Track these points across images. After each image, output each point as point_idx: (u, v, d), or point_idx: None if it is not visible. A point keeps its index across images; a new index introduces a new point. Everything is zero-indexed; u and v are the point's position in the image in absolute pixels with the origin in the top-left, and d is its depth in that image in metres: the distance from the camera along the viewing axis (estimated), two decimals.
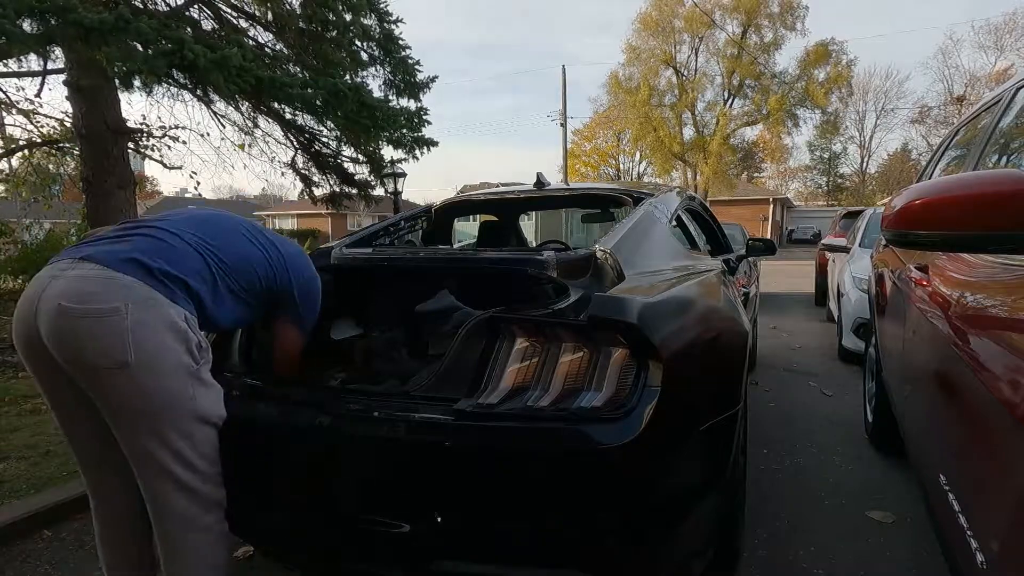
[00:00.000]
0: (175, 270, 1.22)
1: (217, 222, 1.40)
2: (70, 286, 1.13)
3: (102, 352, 1.11)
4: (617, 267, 1.42)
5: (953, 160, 2.26)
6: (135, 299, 1.14)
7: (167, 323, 1.17)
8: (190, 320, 1.22)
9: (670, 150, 26.40)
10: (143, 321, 1.13)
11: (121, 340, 1.11)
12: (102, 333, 1.11)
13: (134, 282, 1.15)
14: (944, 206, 0.81)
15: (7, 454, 2.55)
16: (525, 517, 1.15)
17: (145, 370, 1.14)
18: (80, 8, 3.74)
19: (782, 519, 2.06)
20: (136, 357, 1.12)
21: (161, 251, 1.24)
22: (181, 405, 1.19)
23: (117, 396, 1.16)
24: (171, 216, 1.39)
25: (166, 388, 1.17)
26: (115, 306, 1.11)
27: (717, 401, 1.35)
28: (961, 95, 31.33)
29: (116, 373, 1.13)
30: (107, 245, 1.23)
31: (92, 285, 1.13)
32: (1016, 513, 0.70)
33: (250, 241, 1.39)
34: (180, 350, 1.18)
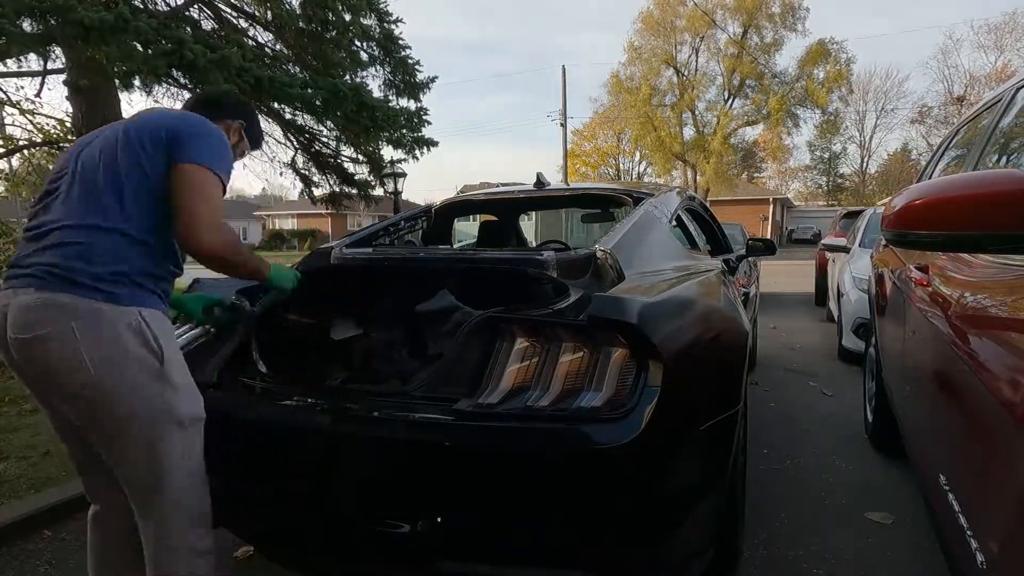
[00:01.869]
0: (106, 268, 1.14)
1: (89, 175, 1.21)
2: (17, 318, 1.12)
3: (64, 375, 1.11)
4: (617, 267, 1.42)
5: (953, 160, 2.26)
6: (79, 315, 1.10)
7: (119, 329, 1.13)
8: (146, 315, 1.17)
9: (670, 150, 26.42)
10: (94, 335, 1.10)
11: (77, 359, 1.09)
12: (57, 356, 1.10)
13: (71, 299, 1.11)
14: (944, 206, 0.81)
15: (7, 454, 2.55)
16: (525, 517, 1.15)
17: (109, 383, 1.11)
18: (80, 8, 3.74)
19: (782, 519, 2.06)
20: (96, 372, 1.10)
21: (83, 251, 1.14)
22: (153, 411, 1.16)
23: (89, 414, 1.15)
24: (60, 189, 1.22)
25: (134, 396, 1.14)
26: (60, 329, 1.09)
27: (717, 401, 1.35)
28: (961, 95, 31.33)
29: (82, 392, 1.11)
30: (35, 257, 1.15)
31: (33, 313, 1.11)
32: (1016, 513, 0.70)
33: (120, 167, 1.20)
34: (141, 353, 1.14)
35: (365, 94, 5.74)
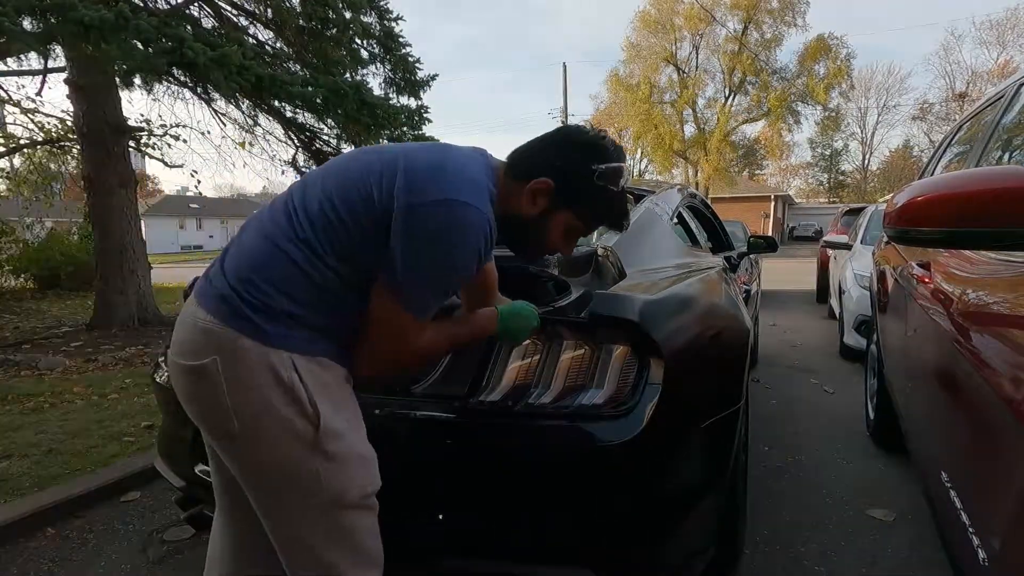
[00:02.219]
0: (270, 296, 0.88)
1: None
2: (177, 333, 0.93)
3: (209, 418, 0.91)
4: (618, 265, 1.42)
5: (955, 157, 2.25)
6: (222, 350, 0.87)
7: (267, 378, 0.87)
8: (300, 364, 0.90)
9: (671, 147, 26.38)
10: (237, 379, 0.87)
11: (221, 405, 0.87)
12: (202, 395, 0.90)
13: (215, 326, 0.87)
14: (946, 203, 0.81)
15: (10, 452, 2.56)
16: (526, 515, 1.15)
17: (253, 443, 0.89)
18: (80, 6, 3.73)
19: (783, 517, 2.06)
20: (240, 426, 0.88)
21: (253, 264, 0.90)
22: (305, 487, 0.91)
23: (237, 469, 0.94)
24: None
25: (284, 466, 0.90)
26: (204, 362, 0.87)
27: (719, 398, 1.35)
28: (963, 91, 31.24)
29: (227, 444, 0.91)
30: (221, 259, 0.96)
31: (186, 332, 0.91)
32: (1018, 510, 0.70)
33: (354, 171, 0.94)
34: (290, 414, 0.88)
35: (366, 92, 5.73)
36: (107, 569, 1.82)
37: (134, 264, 5.79)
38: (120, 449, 2.59)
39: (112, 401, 3.37)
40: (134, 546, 1.94)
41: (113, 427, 2.88)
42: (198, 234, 38.91)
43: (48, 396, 3.44)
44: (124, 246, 5.73)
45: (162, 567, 1.82)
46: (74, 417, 3.05)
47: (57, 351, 4.77)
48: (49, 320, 6.63)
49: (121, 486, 2.32)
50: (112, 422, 2.96)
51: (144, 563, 1.84)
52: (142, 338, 5.30)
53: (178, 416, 1.55)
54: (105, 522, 2.11)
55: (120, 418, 3.03)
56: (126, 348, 4.86)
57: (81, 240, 9.52)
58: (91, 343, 5.11)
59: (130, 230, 5.79)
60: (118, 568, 1.82)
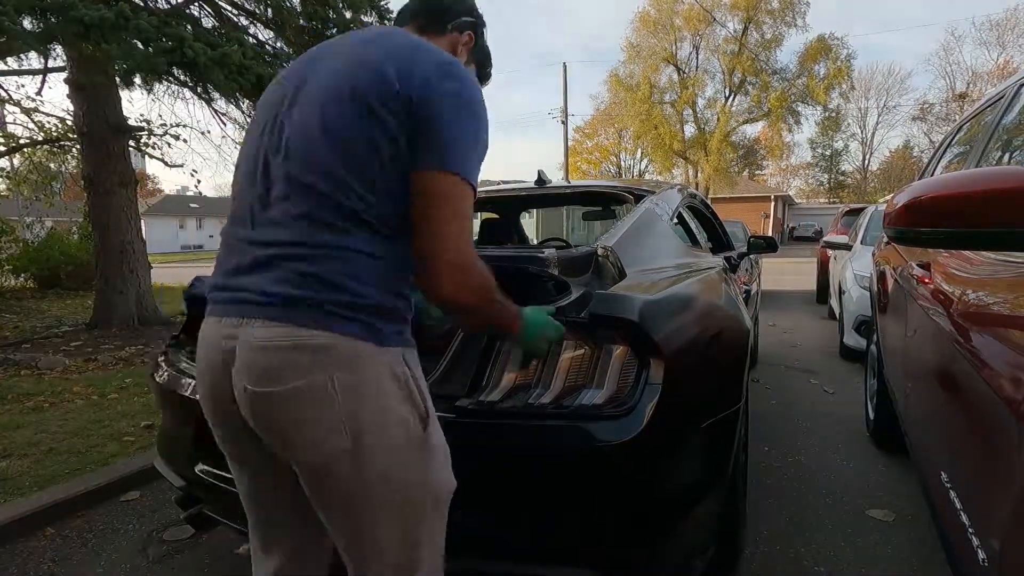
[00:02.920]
0: (364, 296, 0.83)
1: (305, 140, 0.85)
2: (252, 361, 0.82)
3: (312, 444, 0.82)
4: (618, 265, 1.42)
5: (956, 157, 2.25)
6: (340, 363, 0.81)
7: (385, 381, 0.84)
8: (408, 358, 0.88)
9: (671, 147, 26.40)
10: (356, 389, 0.81)
11: (334, 423, 0.81)
12: (305, 418, 0.81)
13: (331, 338, 0.80)
14: (947, 203, 0.81)
15: (10, 452, 2.56)
16: (526, 515, 1.15)
17: (369, 454, 0.83)
18: (80, 5, 3.73)
19: (783, 517, 2.06)
20: (355, 441, 0.82)
21: (342, 266, 0.82)
22: (414, 489, 0.89)
23: (334, 488, 0.86)
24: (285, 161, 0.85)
25: (395, 472, 0.86)
26: (315, 380, 0.80)
27: (718, 398, 1.35)
28: (963, 92, 31.25)
29: (334, 463, 0.83)
30: (271, 273, 0.83)
31: (275, 356, 0.80)
32: (1018, 511, 0.70)
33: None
34: (406, 412, 0.86)
35: None
36: (107, 569, 1.82)
37: (134, 264, 5.79)
38: (120, 449, 2.59)
39: (112, 401, 3.37)
40: (134, 546, 1.95)
41: (113, 427, 2.88)
42: (198, 234, 38.92)
43: (48, 396, 3.44)
44: (124, 246, 5.73)
45: (162, 567, 1.83)
46: (74, 416, 3.05)
47: (57, 350, 4.78)
48: (49, 320, 6.63)
49: (121, 486, 2.32)
50: (112, 422, 2.96)
51: (144, 563, 1.84)
52: (142, 338, 5.30)
53: (178, 416, 1.55)
54: (105, 522, 2.11)
55: (120, 418, 3.03)
56: (126, 348, 4.86)
57: (81, 240, 9.52)
58: (91, 343, 5.11)
59: (130, 230, 5.79)
60: (118, 568, 1.82)
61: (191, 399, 1.37)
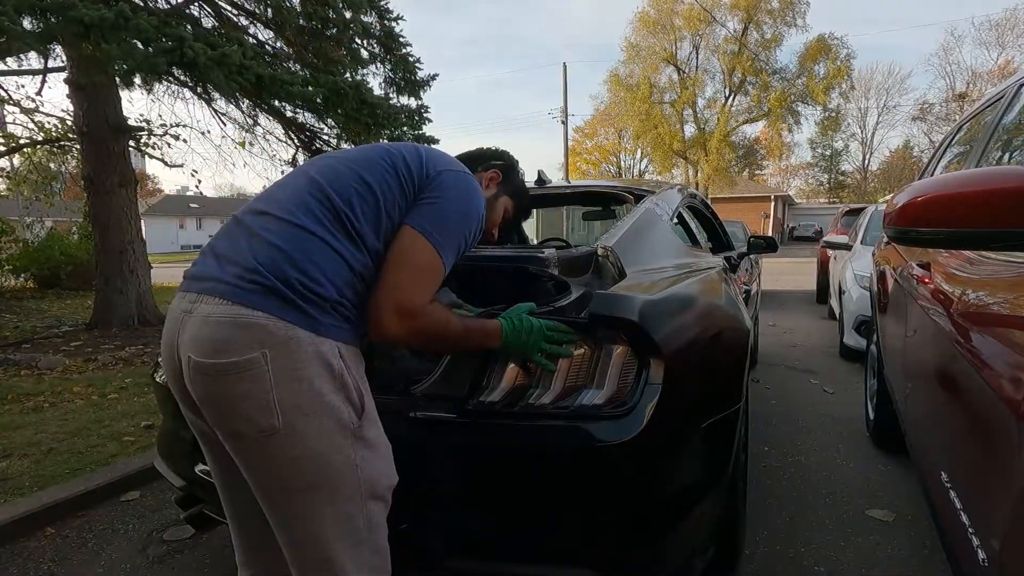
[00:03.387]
0: (317, 283, 0.90)
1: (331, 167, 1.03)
2: (198, 334, 0.88)
3: (244, 416, 0.87)
4: (618, 264, 1.42)
5: (956, 157, 2.25)
6: (274, 342, 0.86)
7: (318, 367, 0.89)
8: (345, 353, 0.94)
9: (671, 147, 26.40)
10: (287, 371, 0.87)
11: (264, 400, 0.86)
12: (241, 393, 0.86)
13: (267, 319, 0.87)
14: (946, 203, 0.81)
15: (9, 452, 2.56)
16: (527, 515, 1.15)
17: (297, 437, 0.88)
18: (80, 5, 3.73)
19: (783, 517, 2.06)
20: (284, 420, 0.87)
21: (290, 254, 0.91)
22: (343, 478, 0.93)
23: (265, 468, 0.92)
24: (287, 182, 1.04)
25: (324, 457, 0.90)
26: (249, 357, 0.85)
27: (718, 398, 1.35)
28: (963, 92, 31.25)
29: (262, 442, 0.88)
30: (227, 258, 0.93)
31: (219, 330, 0.87)
32: (1018, 510, 0.70)
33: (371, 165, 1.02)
34: (338, 402, 0.91)
35: (366, 92, 5.74)
36: (107, 569, 1.82)
37: (134, 264, 5.79)
38: (120, 449, 2.59)
39: (112, 401, 3.37)
40: (134, 546, 1.95)
41: (113, 427, 2.88)
42: (198, 234, 38.91)
43: (48, 396, 3.44)
44: (124, 246, 5.73)
45: (162, 567, 1.83)
46: (74, 417, 3.05)
47: (57, 350, 4.78)
48: (49, 319, 6.63)
49: (121, 486, 2.32)
50: (112, 422, 2.96)
51: (144, 563, 1.84)
52: (142, 338, 5.30)
53: (178, 416, 1.55)
54: (105, 522, 2.11)
55: (120, 418, 3.03)
56: (126, 348, 4.86)
57: (81, 240, 9.52)
58: (91, 343, 5.11)
59: (130, 230, 5.79)
60: (118, 568, 1.82)
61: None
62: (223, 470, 1.05)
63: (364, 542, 0.96)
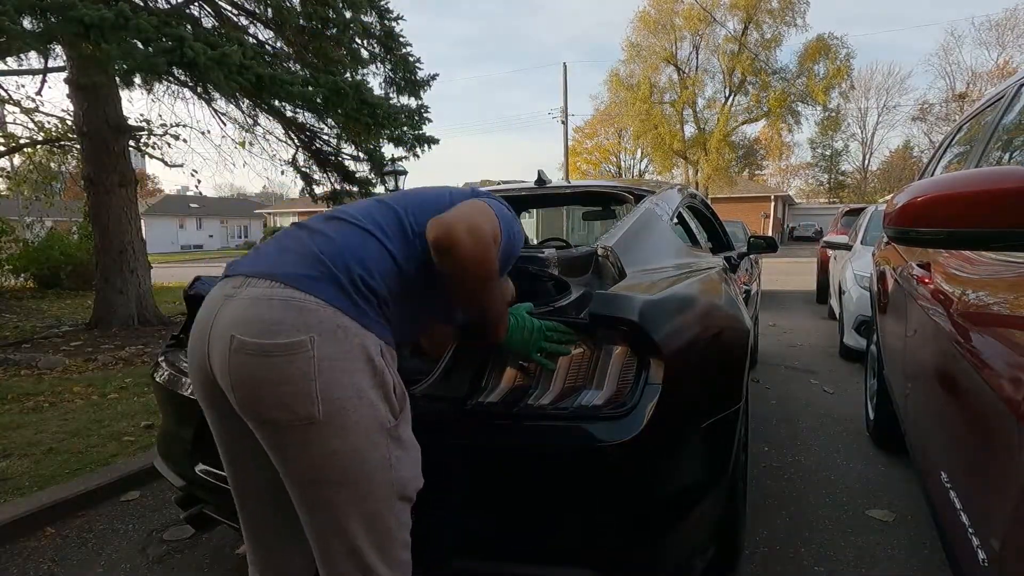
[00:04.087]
0: (371, 276, 0.92)
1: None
2: (244, 312, 0.86)
3: (283, 403, 0.84)
4: (618, 264, 1.42)
5: (956, 157, 2.25)
6: (322, 329, 0.85)
7: (361, 361, 0.88)
8: (386, 353, 0.93)
9: (671, 147, 26.39)
10: (332, 360, 0.85)
11: (307, 387, 0.83)
12: (284, 377, 0.83)
13: (318, 304, 0.86)
14: (946, 203, 0.81)
15: (9, 451, 2.56)
16: (527, 516, 1.15)
17: (335, 429, 0.86)
18: (80, 5, 3.73)
19: (783, 517, 2.06)
20: (324, 410, 0.84)
21: (348, 247, 0.93)
22: (377, 477, 0.90)
23: (298, 460, 0.89)
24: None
25: (360, 454, 0.88)
26: (298, 339, 0.83)
27: (718, 398, 1.35)
28: (963, 92, 31.25)
29: (299, 431, 0.86)
30: (288, 244, 0.96)
31: (269, 310, 0.85)
32: (1018, 510, 0.70)
33: None
34: (377, 399, 0.90)
35: (366, 91, 5.74)
36: (107, 569, 1.82)
37: (134, 264, 5.79)
38: (120, 449, 2.59)
39: (112, 401, 3.37)
40: (134, 546, 1.95)
41: (113, 427, 2.88)
42: (198, 234, 38.93)
43: (48, 395, 3.44)
44: (124, 246, 5.73)
45: (162, 567, 1.83)
46: (74, 416, 3.05)
47: (57, 350, 4.78)
48: (49, 319, 6.63)
49: (121, 486, 2.32)
50: (112, 422, 2.96)
51: (144, 563, 1.85)
52: (142, 338, 5.30)
53: (178, 416, 1.55)
54: (105, 522, 2.11)
55: (120, 418, 3.03)
56: (126, 348, 4.86)
57: (81, 240, 9.52)
58: (91, 342, 5.11)
59: (130, 230, 5.79)
60: (118, 568, 1.82)
61: (191, 399, 1.37)
62: (239, 469, 1.03)
63: (394, 540, 0.95)
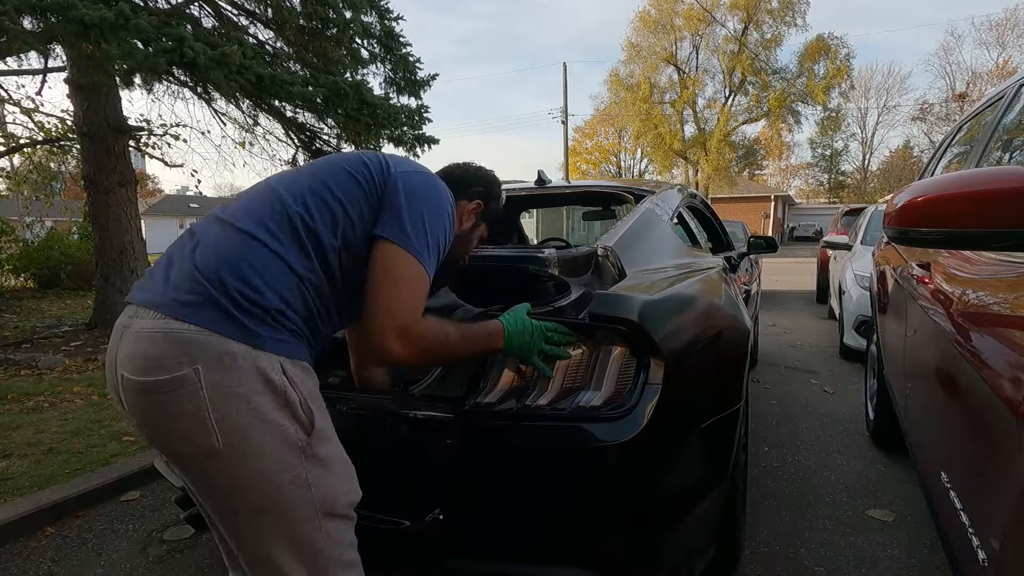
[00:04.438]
0: (256, 290, 0.86)
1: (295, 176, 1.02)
2: (130, 349, 0.85)
3: (183, 437, 0.83)
4: (618, 265, 1.42)
5: (956, 157, 2.25)
6: (206, 358, 0.81)
7: (258, 383, 0.84)
8: (288, 368, 0.88)
9: (671, 147, 26.40)
10: (222, 388, 0.82)
11: (201, 419, 0.81)
12: (176, 412, 0.82)
13: (199, 332, 0.82)
14: (946, 203, 0.81)
15: (9, 451, 2.56)
16: (525, 516, 1.15)
17: (240, 457, 0.84)
18: (80, 5, 3.73)
19: (783, 517, 2.06)
20: (224, 440, 0.82)
21: (226, 261, 0.87)
22: (294, 498, 0.88)
23: (211, 492, 0.88)
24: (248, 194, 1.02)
25: (269, 478, 0.85)
26: (181, 374, 0.81)
27: (718, 399, 1.35)
28: (963, 92, 31.24)
29: (203, 463, 0.84)
30: (174, 259, 0.91)
31: (152, 345, 0.82)
32: (1018, 510, 0.69)
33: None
34: (282, 419, 0.86)
35: (366, 91, 5.74)
36: (107, 569, 1.82)
37: (134, 264, 5.79)
38: (120, 449, 2.59)
39: (112, 400, 3.36)
40: (134, 546, 1.95)
41: (113, 426, 2.88)
42: None
43: (48, 395, 3.44)
44: (124, 245, 5.73)
45: (162, 567, 1.83)
46: (74, 416, 3.05)
47: (57, 350, 4.78)
48: (49, 319, 6.62)
49: (121, 486, 2.32)
50: (112, 421, 2.96)
51: (144, 563, 1.85)
52: None
53: None
54: (105, 522, 2.11)
55: (120, 418, 3.03)
56: None
57: (81, 240, 9.51)
58: (91, 342, 5.11)
59: (130, 229, 5.79)
60: (118, 568, 1.82)
61: None
62: (190, 492, 1.03)
63: (329, 560, 0.92)
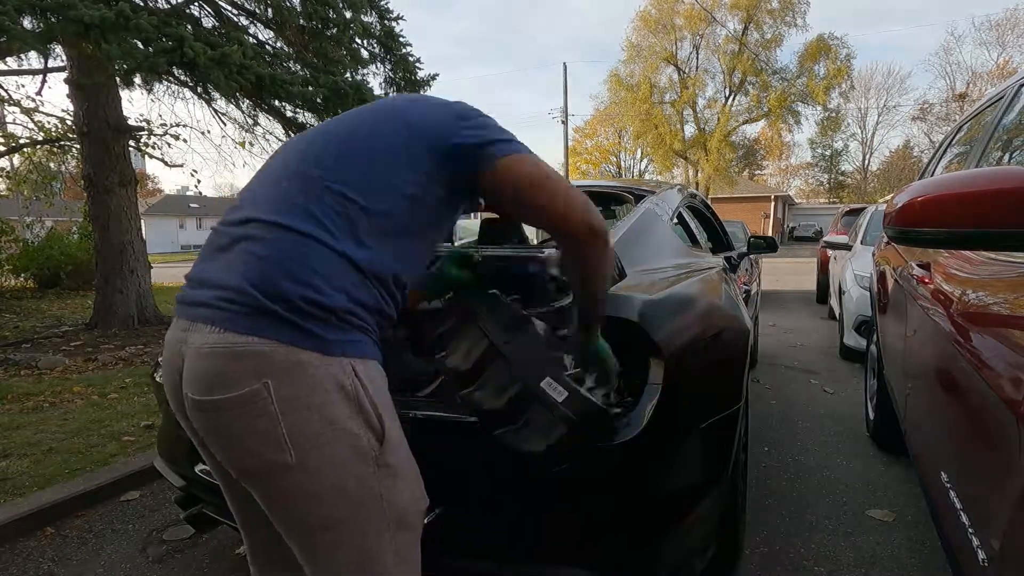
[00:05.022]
0: (319, 292, 0.79)
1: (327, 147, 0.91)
2: (193, 367, 0.80)
3: (254, 453, 0.79)
4: (618, 265, 1.42)
5: (956, 157, 2.25)
6: (275, 371, 0.77)
7: (331, 392, 0.79)
8: (360, 371, 0.82)
9: (671, 147, 26.40)
10: (294, 400, 0.77)
11: (273, 434, 0.77)
12: (246, 429, 0.78)
13: (263, 344, 0.77)
14: (947, 203, 0.81)
15: (9, 451, 2.56)
16: (525, 515, 1.15)
17: (312, 471, 0.80)
18: (80, 5, 3.73)
19: (783, 517, 2.06)
20: (297, 454, 0.78)
21: (279, 267, 0.79)
22: (368, 511, 0.84)
23: (282, 507, 0.85)
24: (270, 171, 0.93)
25: (343, 491, 0.82)
26: (251, 389, 0.76)
27: (718, 399, 1.35)
28: (963, 92, 31.25)
29: (276, 478, 0.81)
30: (212, 277, 0.83)
31: (213, 362, 0.78)
32: (1018, 510, 0.70)
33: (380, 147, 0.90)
34: (355, 428, 0.81)
35: (366, 92, 5.73)
36: (107, 569, 1.82)
37: (134, 263, 5.79)
38: (120, 449, 2.59)
39: (112, 400, 3.37)
40: (134, 546, 1.95)
41: (113, 427, 2.88)
42: (198, 234, 38.89)
43: (48, 395, 3.44)
44: (124, 245, 5.73)
45: (162, 567, 1.83)
46: (74, 416, 3.05)
47: (57, 350, 4.77)
48: (49, 319, 6.62)
49: (121, 486, 2.32)
50: (112, 421, 2.96)
51: (144, 563, 1.85)
52: (142, 337, 5.30)
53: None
54: (105, 522, 2.11)
55: (120, 418, 3.03)
56: (126, 347, 4.86)
57: (81, 239, 9.51)
58: (91, 342, 5.11)
59: (130, 229, 5.79)
60: (118, 568, 1.82)
61: None
62: (240, 507, 1.00)
63: (400, 570, 0.88)
